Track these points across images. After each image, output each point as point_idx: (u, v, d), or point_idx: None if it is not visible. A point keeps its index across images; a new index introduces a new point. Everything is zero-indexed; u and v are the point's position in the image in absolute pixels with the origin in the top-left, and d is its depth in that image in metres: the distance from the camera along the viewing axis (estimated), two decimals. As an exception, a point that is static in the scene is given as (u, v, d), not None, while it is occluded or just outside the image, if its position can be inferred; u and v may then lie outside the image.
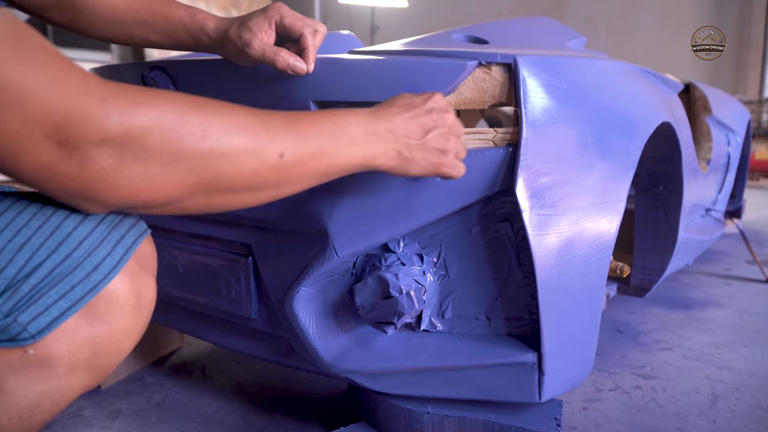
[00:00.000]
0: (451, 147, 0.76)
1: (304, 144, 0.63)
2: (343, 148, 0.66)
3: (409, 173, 0.74)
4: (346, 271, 0.93)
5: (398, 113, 0.73)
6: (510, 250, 0.90)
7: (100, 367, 0.64)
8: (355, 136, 0.67)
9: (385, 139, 0.70)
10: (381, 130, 0.70)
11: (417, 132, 0.73)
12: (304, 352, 0.95)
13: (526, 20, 1.40)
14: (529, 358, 0.88)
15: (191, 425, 1.17)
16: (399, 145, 0.71)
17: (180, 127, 0.54)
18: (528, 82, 0.87)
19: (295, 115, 0.65)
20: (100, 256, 0.61)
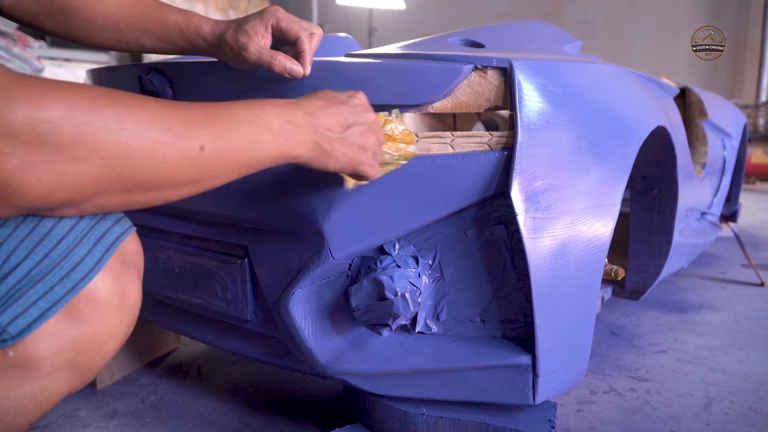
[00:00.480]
0: (370, 145, 0.75)
1: (224, 136, 0.61)
2: (263, 139, 0.64)
3: (327, 167, 0.72)
4: (341, 273, 0.93)
5: (320, 106, 0.71)
6: (505, 253, 0.91)
7: (84, 368, 0.63)
8: (275, 127, 0.65)
9: (305, 130, 0.68)
10: (301, 120, 0.68)
11: (338, 126, 0.71)
12: (300, 353, 0.95)
13: (523, 24, 1.41)
14: (523, 361, 0.89)
15: (187, 426, 1.17)
16: (319, 137, 0.69)
17: (93, 119, 0.51)
18: (523, 86, 0.88)
19: (212, 107, 0.62)
20: (79, 255, 0.59)
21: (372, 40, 6.02)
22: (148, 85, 1.01)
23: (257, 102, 0.66)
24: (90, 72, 1.25)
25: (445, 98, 0.89)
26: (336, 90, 0.78)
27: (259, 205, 0.93)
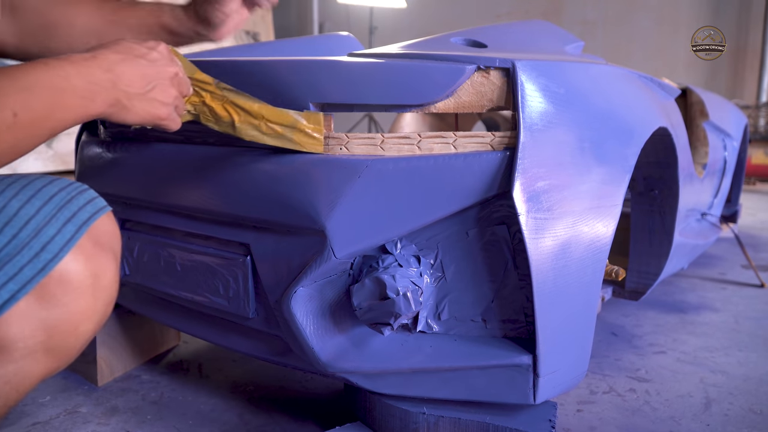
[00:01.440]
0: (171, 100, 0.74)
1: (33, 101, 0.60)
2: (69, 101, 0.63)
3: (126, 121, 0.71)
4: (343, 272, 0.93)
5: (118, 60, 0.69)
6: (506, 253, 0.91)
7: (59, 350, 0.62)
8: (78, 88, 0.64)
9: (105, 88, 0.66)
10: (101, 78, 0.66)
11: (138, 82, 0.70)
12: (301, 351, 0.95)
13: (525, 24, 1.41)
14: (524, 360, 0.89)
15: (187, 423, 1.17)
16: (119, 95, 0.68)
17: None
18: (526, 86, 0.88)
19: (14, 71, 0.60)
20: (48, 235, 0.59)
21: (372, 39, 6.02)
22: (151, 83, 1.01)
23: (56, 62, 0.64)
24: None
25: (448, 98, 0.90)
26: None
27: (261, 204, 0.94)
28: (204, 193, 1.01)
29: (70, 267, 0.60)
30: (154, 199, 1.10)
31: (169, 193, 1.07)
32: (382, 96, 0.90)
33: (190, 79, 0.83)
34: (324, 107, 0.92)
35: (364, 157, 0.89)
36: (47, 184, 0.64)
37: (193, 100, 0.85)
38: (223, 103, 0.86)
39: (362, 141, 0.91)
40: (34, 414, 1.21)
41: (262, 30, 6.18)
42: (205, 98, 0.85)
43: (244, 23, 0.88)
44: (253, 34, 6.04)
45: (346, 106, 0.91)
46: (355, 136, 0.91)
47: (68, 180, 0.68)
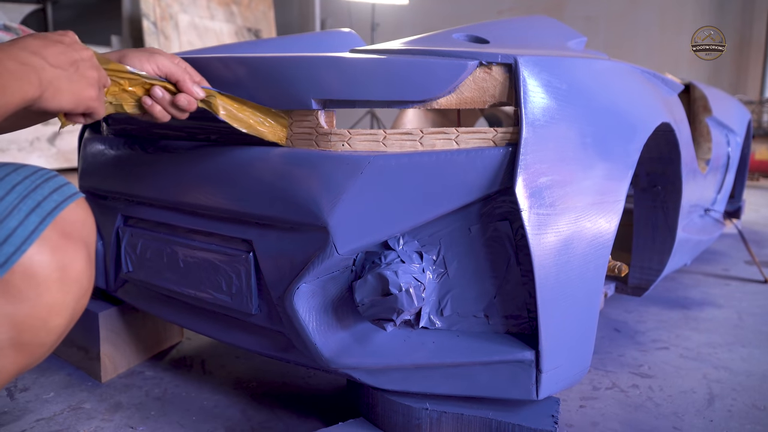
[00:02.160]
0: (96, 81, 0.72)
1: None
2: (6, 82, 0.59)
3: (61, 105, 0.67)
4: (346, 268, 0.93)
5: (42, 45, 0.66)
6: (509, 249, 0.91)
7: (30, 346, 0.60)
8: (12, 69, 0.61)
9: (36, 69, 0.64)
10: (32, 60, 0.63)
11: (64, 62, 0.67)
12: (304, 347, 0.95)
13: (527, 20, 1.41)
14: (527, 356, 0.89)
15: (191, 419, 1.17)
16: (50, 75, 0.65)
17: None
18: (528, 82, 0.88)
19: None
20: (10, 227, 0.56)
21: (374, 36, 6.01)
22: (154, 80, 1.01)
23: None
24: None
25: (450, 94, 0.90)
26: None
27: (264, 200, 0.94)
28: (206, 189, 1.01)
29: (35, 260, 0.58)
30: (156, 196, 1.11)
31: (172, 189, 1.07)
32: (384, 92, 0.89)
33: (105, 70, 0.81)
34: (326, 103, 0.92)
35: (367, 153, 0.89)
36: (11, 173, 0.62)
37: (113, 90, 0.83)
38: (143, 86, 0.85)
39: (364, 137, 0.91)
40: (38, 410, 1.21)
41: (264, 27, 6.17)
42: (124, 85, 0.84)
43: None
44: (255, 31, 6.04)
45: (349, 102, 0.91)
46: (357, 132, 0.91)
47: (35, 167, 0.65)
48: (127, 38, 5.42)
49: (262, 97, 0.95)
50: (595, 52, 1.31)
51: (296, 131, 0.95)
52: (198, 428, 1.14)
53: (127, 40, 5.41)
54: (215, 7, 5.65)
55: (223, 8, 5.74)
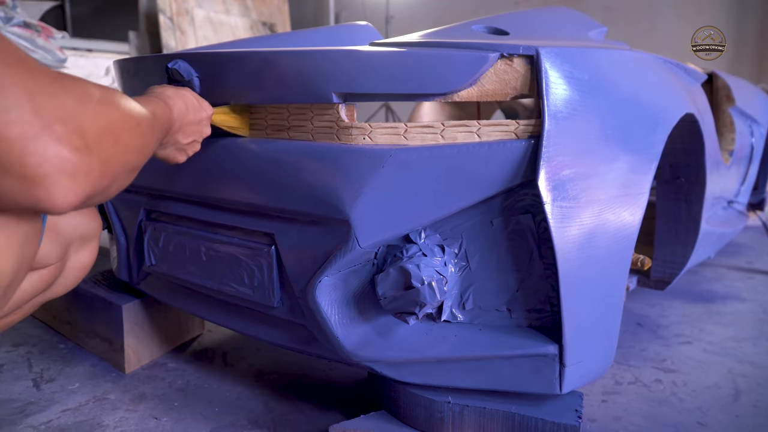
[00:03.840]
0: (192, 152, 0.95)
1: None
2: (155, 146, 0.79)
3: (157, 155, 0.90)
4: (367, 262, 0.94)
5: (188, 135, 0.91)
6: (531, 242, 0.90)
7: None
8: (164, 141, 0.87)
9: (172, 144, 0.90)
10: (178, 141, 0.90)
11: (186, 145, 0.92)
12: (326, 340, 0.96)
13: (547, 11, 1.39)
14: (550, 350, 0.88)
15: (213, 410, 1.19)
16: (174, 151, 0.91)
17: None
18: (550, 73, 0.87)
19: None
20: None
21: (389, 28, 5.99)
22: (175, 75, 1.02)
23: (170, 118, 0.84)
24: (117, 63, 1.26)
25: (471, 87, 0.89)
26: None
27: (285, 194, 0.94)
28: (228, 183, 1.02)
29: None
30: (178, 190, 1.11)
31: (194, 183, 1.08)
32: (405, 85, 0.89)
33: None
34: (347, 97, 0.91)
35: (388, 146, 0.89)
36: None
37: None
38: None
39: (385, 130, 0.91)
40: (64, 401, 1.23)
41: (279, 21, 6.18)
42: None
43: None
44: (269, 25, 6.05)
45: (369, 95, 0.91)
46: (378, 126, 0.91)
47: None
48: (143, 34, 5.45)
49: (283, 91, 0.95)
50: (616, 43, 1.30)
51: (317, 125, 0.95)
52: (221, 419, 1.15)
53: (144, 35, 5.44)
54: (230, 2, 5.66)
55: (238, 2, 5.75)
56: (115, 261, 1.36)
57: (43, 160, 0.52)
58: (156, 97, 0.83)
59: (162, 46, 4.93)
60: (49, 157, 0.53)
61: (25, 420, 1.16)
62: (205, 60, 1.01)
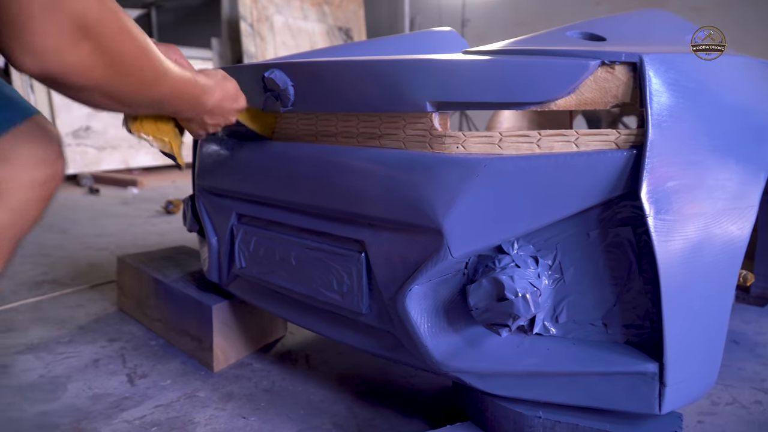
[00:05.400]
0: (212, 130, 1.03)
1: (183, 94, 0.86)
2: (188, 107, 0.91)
3: (183, 125, 1.01)
4: (458, 271, 0.93)
5: (220, 115, 0.99)
6: (631, 256, 0.87)
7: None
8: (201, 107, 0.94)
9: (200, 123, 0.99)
10: (207, 120, 0.98)
11: (215, 124, 1.00)
12: (415, 349, 0.96)
13: (642, 14, 1.34)
14: (649, 368, 0.85)
15: (299, 412, 1.21)
16: (205, 124, 0.99)
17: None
18: (654, 81, 0.84)
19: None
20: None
21: (464, 32, 5.95)
22: (270, 84, 1.04)
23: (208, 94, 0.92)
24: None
25: (570, 95, 0.87)
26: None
27: (377, 202, 0.95)
28: (319, 190, 1.04)
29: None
30: (269, 195, 1.14)
31: (285, 189, 1.10)
32: (500, 94, 0.88)
33: None
34: (440, 106, 0.91)
35: (482, 155, 0.88)
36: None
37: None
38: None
39: (479, 139, 0.90)
40: (156, 397, 1.29)
41: (354, 26, 6.26)
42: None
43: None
44: (345, 30, 6.14)
45: (463, 104, 0.90)
46: (472, 135, 0.90)
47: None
48: (225, 40, 5.65)
49: (376, 99, 0.96)
50: (717, 47, 1.23)
51: (409, 133, 0.95)
52: (306, 422, 1.17)
53: (226, 42, 5.63)
54: (308, 8, 5.78)
55: (316, 8, 5.86)
56: (206, 263, 1.41)
57: (45, 20, 0.58)
58: (198, 76, 0.89)
59: (242, 52, 5.09)
60: (50, 20, 0.58)
61: (120, 414, 1.22)
62: (300, 69, 1.03)
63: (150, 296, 1.62)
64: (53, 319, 1.74)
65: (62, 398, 1.28)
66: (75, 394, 1.30)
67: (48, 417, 1.20)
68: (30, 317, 1.76)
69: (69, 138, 4.80)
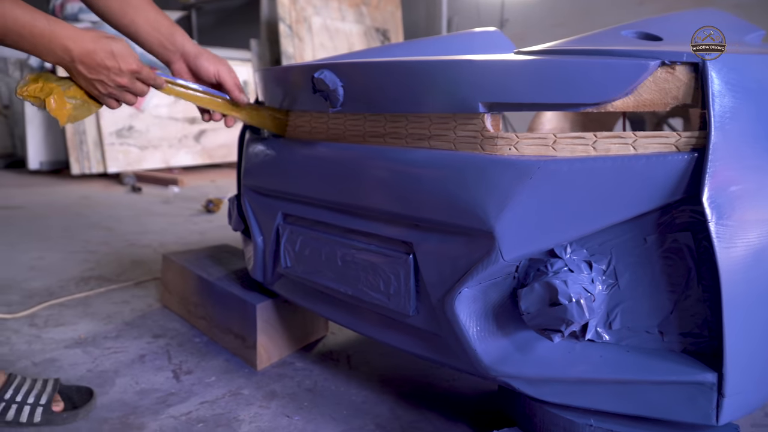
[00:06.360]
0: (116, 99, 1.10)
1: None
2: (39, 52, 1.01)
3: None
4: (508, 275, 0.92)
5: (93, 69, 1.04)
6: (690, 262, 0.84)
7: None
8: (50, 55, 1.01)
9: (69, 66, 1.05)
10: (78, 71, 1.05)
11: (89, 76, 1.05)
12: (463, 352, 0.95)
13: (698, 13, 1.31)
14: (708, 378, 0.82)
15: (342, 413, 1.21)
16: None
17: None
18: (717, 82, 0.81)
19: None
20: None
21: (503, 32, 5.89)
22: (320, 85, 1.05)
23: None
24: (262, 72, 1.32)
25: (627, 96, 0.85)
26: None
27: (425, 203, 0.94)
28: (367, 191, 1.03)
29: None
30: (316, 196, 1.15)
31: (333, 190, 1.10)
32: (555, 94, 0.86)
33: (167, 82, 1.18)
34: (492, 107, 0.90)
35: (536, 157, 0.86)
36: None
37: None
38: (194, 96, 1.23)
39: (533, 141, 0.88)
40: (202, 393, 1.30)
41: (392, 27, 6.26)
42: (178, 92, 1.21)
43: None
44: (382, 31, 6.14)
45: (517, 105, 0.89)
46: (525, 136, 0.89)
47: None
48: (264, 41, 5.71)
49: (426, 100, 0.96)
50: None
51: (460, 134, 0.94)
52: (349, 423, 1.17)
53: (264, 43, 5.70)
54: (346, 9, 5.80)
55: (353, 9, 5.88)
56: (251, 261, 1.42)
57: None
58: (57, 25, 0.98)
59: (281, 53, 5.14)
60: None
61: (166, 410, 1.24)
62: (350, 70, 1.03)
63: (194, 294, 1.64)
64: (100, 314, 1.78)
65: (110, 393, 1.30)
66: (123, 389, 1.32)
67: (97, 411, 1.23)
68: (78, 312, 1.80)
69: (113, 137, 4.91)
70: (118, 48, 1.04)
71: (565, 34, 1.16)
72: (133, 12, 1.20)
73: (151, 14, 1.22)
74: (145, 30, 1.22)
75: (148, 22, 1.21)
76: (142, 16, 1.21)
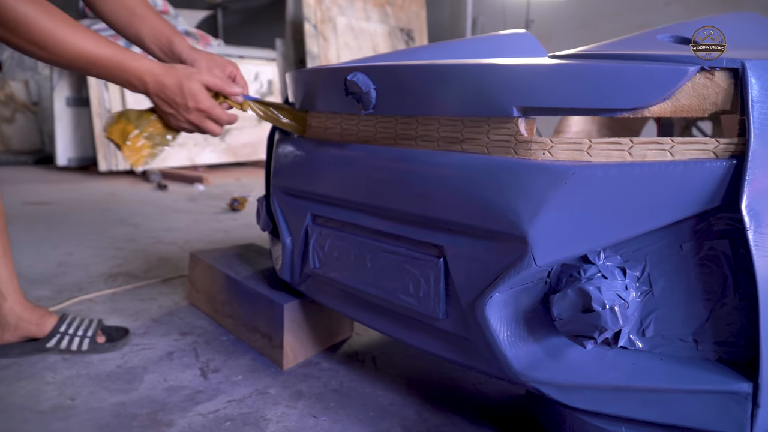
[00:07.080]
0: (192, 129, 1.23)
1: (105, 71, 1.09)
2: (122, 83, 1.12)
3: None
4: (540, 280, 0.91)
5: (164, 98, 1.15)
6: (726, 270, 0.83)
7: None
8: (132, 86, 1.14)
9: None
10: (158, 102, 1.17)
11: (165, 109, 1.17)
12: (493, 357, 0.94)
13: (734, 17, 1.29)
14: (743, 388, 0.81)
15: (368, 414, 1.21)
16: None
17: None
18: (756, 88, 0.80)
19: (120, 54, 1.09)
20: None
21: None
22: (353, 87, 1.05)
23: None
24: (293, 73, 1.33)
25: (665, 101, 0.84)
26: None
27: (457, 206, 0.94)
28: (398, 193, 1.04)
29: None
30: (346, 197, 1.15)
31: (361, 191, 1.11)
32: (591, 99, 0.86)
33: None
34: (527, 111, 0.90)
35: (571, 162, 0.86)
36: None
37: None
38: None
39: (567, 146, 0.88)
40: (229, 392, 1.32)
41: (416, 27, 6.25)
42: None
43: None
44: (407, 31, 6.14)
45: (551, 110, 0.88)
46: (559, 141, 0.88)
47: None
48: (289, 41, 5.75)
49: (460, 104, 0.95)
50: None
51: (493, 138, 0.94)
52: (376, 425, 1.17)
53: (289, 42, 5.73)
54: (371, 9, 5.81)
55: (378, 9, 5.89)
56: (278, 261, 1.43)
57: None
58: (134, 60, 1.08)
59: (305, 52, 5.16)
60: None
61: (194, 408, 1.25)
62: (384, 72, 1.03)
63: (221, 292, 1.66)
64: (128, 310, 1.81)
65: (139, 389, 1.32)
66: (151, 386, 1.34)
67: (126, 407, 1.24)
68: (107, 308, 1.83)
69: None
70: (188, 86, 1.11)
71: (591, 35, 1.15)
72: (138, 22, 1.27)
73: (155, 23, 1.28)
74: (149, 39, 1.28)
75: (152, 31, 1.28)
76: (146, 25, 1.27)
